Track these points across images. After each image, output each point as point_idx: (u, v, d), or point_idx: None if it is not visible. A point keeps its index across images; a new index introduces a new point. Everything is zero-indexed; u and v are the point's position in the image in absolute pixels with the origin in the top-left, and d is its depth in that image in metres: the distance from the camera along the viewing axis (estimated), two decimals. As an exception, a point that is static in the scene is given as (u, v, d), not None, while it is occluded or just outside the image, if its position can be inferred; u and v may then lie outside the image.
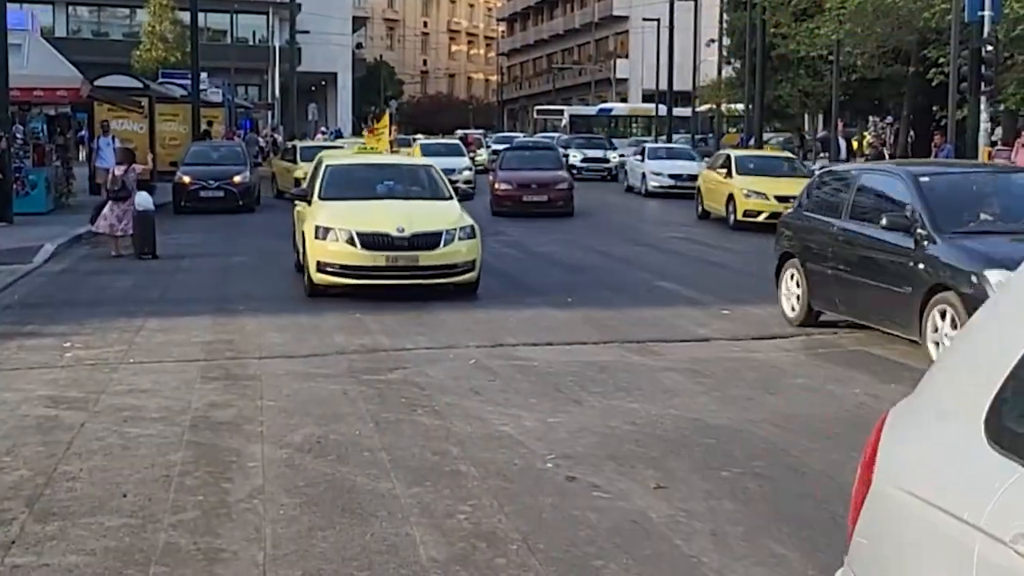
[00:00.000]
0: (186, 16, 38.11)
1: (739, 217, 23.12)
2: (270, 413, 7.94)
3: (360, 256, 12.99)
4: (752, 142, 41.43)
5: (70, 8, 67.08)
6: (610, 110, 67.71)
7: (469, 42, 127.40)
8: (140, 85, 33.84)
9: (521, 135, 62.09)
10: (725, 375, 9.36)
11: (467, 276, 13.44)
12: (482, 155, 44.74)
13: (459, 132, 59.46)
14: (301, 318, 12.05)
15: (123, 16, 67.16)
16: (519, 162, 28.29)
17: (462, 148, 36.05)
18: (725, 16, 52.32)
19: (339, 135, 53.48)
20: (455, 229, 13.40)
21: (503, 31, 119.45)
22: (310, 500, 6.06)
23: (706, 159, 32.55)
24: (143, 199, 17.43)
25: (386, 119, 24.53)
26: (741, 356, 10.26)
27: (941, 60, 28.11)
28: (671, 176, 32.88)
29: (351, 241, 12.99)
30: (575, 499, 6.13)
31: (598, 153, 43.81)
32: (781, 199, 21.17)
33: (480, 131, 65.00)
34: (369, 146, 22.31)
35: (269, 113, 67.11)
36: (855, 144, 43.01)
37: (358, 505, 5.98)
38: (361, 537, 5.51)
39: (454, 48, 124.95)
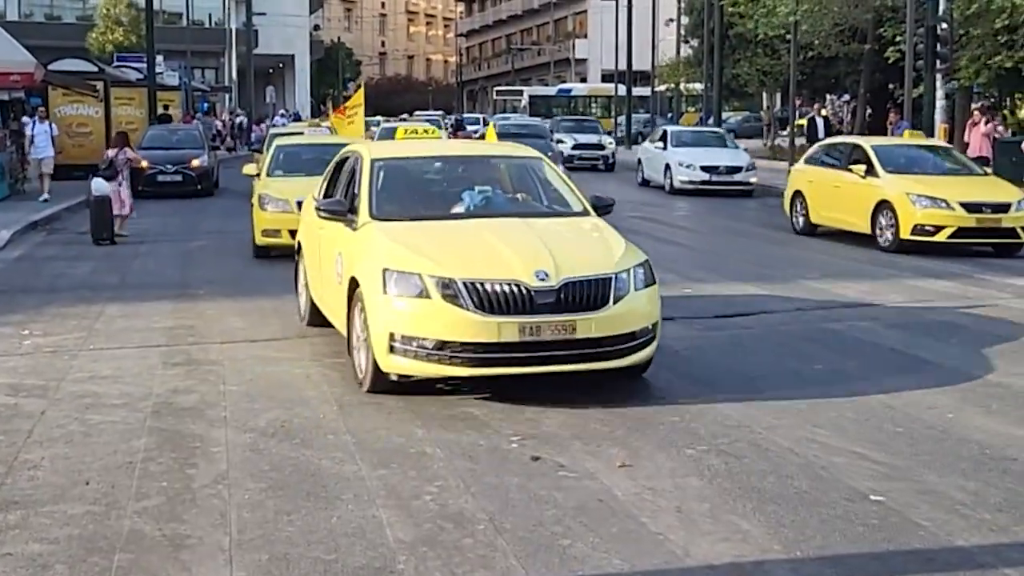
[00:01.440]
0: (141, -1, 37.72)
1: (905, 235, 16.39)
2: (233, 398, 7.89)
3: (473, 326, 7.45)
4: (711, 121, 41.56)
5: (22, -9, 66.10)
6: (570, 90, 67.74)
7: (427, 23, 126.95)
8: (95, 69, 33.42)
9: (479, 116, 61.72)
10: (690, 352, 9.41)
11: (645, 351, 8.05)
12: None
13: (417, 114, 58.95)
14: (262, 301, 11.97)
15: (76, -1, 66.29)
16: None
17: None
18: (683, -5, 52.42)
19: (297, 118, 53.11)
20: (627, 272, 7.96)
21: (461, 12, 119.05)
22: (275, 484, 6.03)
23: (743, 147, 29.68)
24: (98, 184, 17.26)
25: (360, 96, 22.39)
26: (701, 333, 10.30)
27: (897, 38, 28.28)
28: (704, 169, 27.07)
29: (454, 297, 7.51)
30: (541, 479, 6.14)
31: (591, 138, 37.93)
32: (971, 208, 16.18)
33: (438, 112, 64.50)
34: (339, 131, 20.77)
35: (227, 96, 66.55)
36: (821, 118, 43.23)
37: (323, 488, 5.96)
38: (327, 520, 5.50)
39: (412, 29, 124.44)
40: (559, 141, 35.59)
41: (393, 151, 10.63)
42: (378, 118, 58.19)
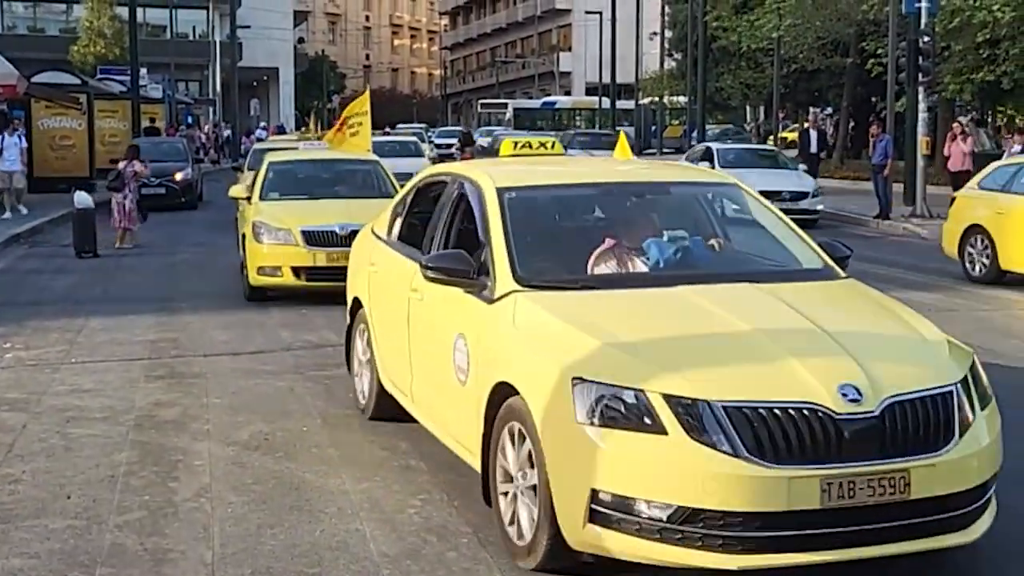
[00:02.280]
0: (124, 11, 37.69)
1: None
2: (216, 411, 7.86)
3: (746, 483, 4.44)
4: (695, 133, 41.67)
5: (5, 3, 65.98)
6: (554, 103, 67.93)
7: (412, 36, 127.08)
8: (78, 81, 33.31)
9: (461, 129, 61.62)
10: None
11: (989, 513, 4.96)
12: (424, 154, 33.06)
13: (400, 127, 58.35)
14: (246, 315, 11.94)
15: (59, 12, 66.17)
16: None
17: (420, 146, 30.12)
18: (667, 9, 52.69)
19: (281, 130, 53.04)
20: (965, 381, 4.97)
21: (446, 25, 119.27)
22: (258, 498, 6.01)
23: (803, 168, 24.18)
24: (81, 197, 17.22)
25: (365, 101, 17.26)
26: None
27: (879, 51, 28.44)
28: (763, 195, 21.70)
29: (706, 432, 4.49)
30: (525, 491, 6.11)
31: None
32: None
33: (421, 125, 64.05)
34: (338, 145, 16.89)
35: (211, 109, 66.49)
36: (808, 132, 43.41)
37: (307, 502, 5.94)
38: (311, 534, 5.47)
39: (397, 42, 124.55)
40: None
41: (522, 177, 6.78)
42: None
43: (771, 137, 41.95)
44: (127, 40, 36.02)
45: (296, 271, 12.57)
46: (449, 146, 34.29)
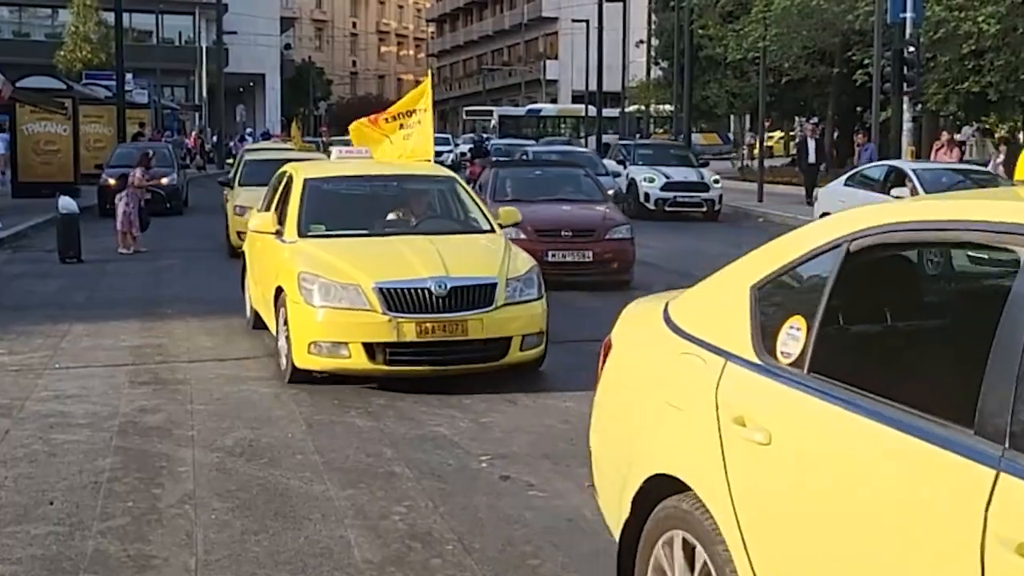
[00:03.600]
0: (110, 16, 37.57)
1: None
2: (200, 417, 7.83)
3: None
4: (680, 140, 41.73)
5: (-10, 8, 65.77)
6: (539, 111, 68.04)
7: (399, 43, 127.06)
8: (64, 86, 33.22)
9: (447, 136, 61.44)
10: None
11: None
12: None
13: None
14: (231, 321, 11.89)
15: (45, 16, 65.94)
16: (530, 190, 16.27)
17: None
18: (653, 17, 52.77)
19: (267, 136, 52.94)
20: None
21: (432, 32, 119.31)
22: (242, 504, 5.99)
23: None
24: (66, 202, 17.16)
25: (425, 90, 12.41)
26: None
27: (865, 61, 28.53)
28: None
29: None
30: (510, 498, 6.12)
31: (688, 174, 26.39)
32: None
33: None
34: (381, 151, 11.97)
35: (196, 114, 66.33)
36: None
37: (291, 508, 5.92)
38: (295, 540, 5.46)
39: (383, 49, 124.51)
40: (644, 179, 25.92)
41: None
42: (348, 138, 58.09)
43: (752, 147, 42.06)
44: (113, 45, 35.87)
45: (370, 349, 8.56)
46: (439, 154, 27.99)
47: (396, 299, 8.51)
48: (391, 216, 10.37)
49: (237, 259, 14.33)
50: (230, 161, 30.93)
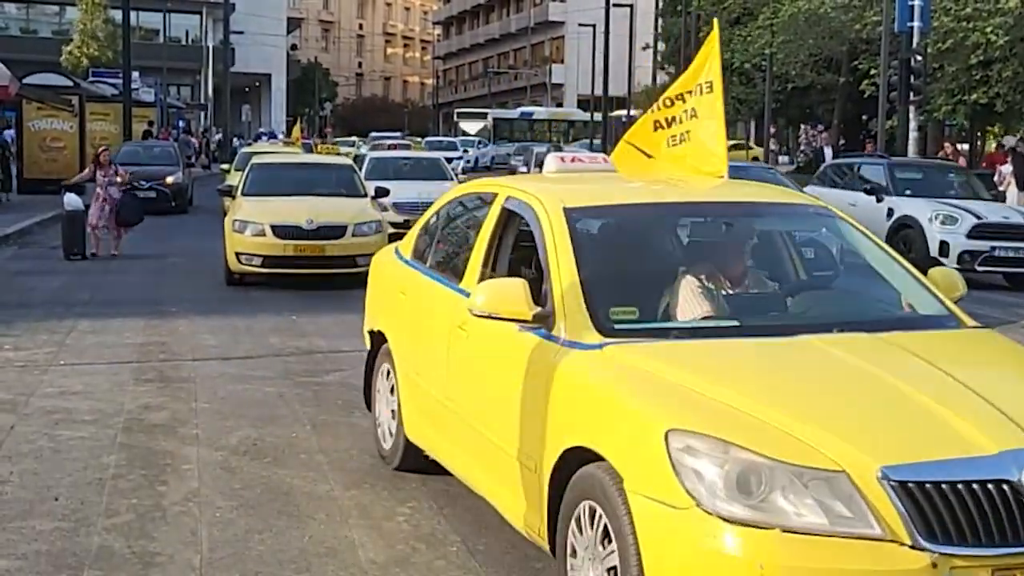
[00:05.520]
0: (118, 14, 37.62)
1: None
2: (205, 415, 7.84)
3: None
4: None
5: (-3, 5, 65.92)
6: (531, 114, 68.30)
7: (405, 45, 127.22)
8: (70, 83, 33.31)
9: (454, 140, 61.25)
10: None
11: None
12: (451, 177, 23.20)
13: (373, 135, 56.56)
14: (235, 320, 11.91)
15: (52, 13, 66.14)
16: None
17: (444, 166, 23.14)
18: (660, 22, 52.81)
19: (273, 136, 53.00)
20: None
21: (439, 34, 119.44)
22: (246, 503, 5.99)
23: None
24: (71, 199, 17.17)
25: (711, 55, 6.40)
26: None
27: (872, 71, 28.55)
28: None
29: None
30: (514, 501, 6.11)
31: (1004, 213, 17.43)
32: None
33: (397, 133, 62.40)
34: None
35: (202, 114, 66.43)
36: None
37: (295, 508, 5.92)
38: (299, 540, 5.46)
39: (389, 51, 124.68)
40: (937, 219, 16.50)
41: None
42: (353, 138, 58.12)
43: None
44: (120, 43, 35.89)
45: None
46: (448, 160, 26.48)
47: None
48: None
49: (237, 287, 14.45)
50: (225, 167, 29.87)
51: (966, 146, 36.15)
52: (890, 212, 17.01)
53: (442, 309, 5.80)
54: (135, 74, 39.57)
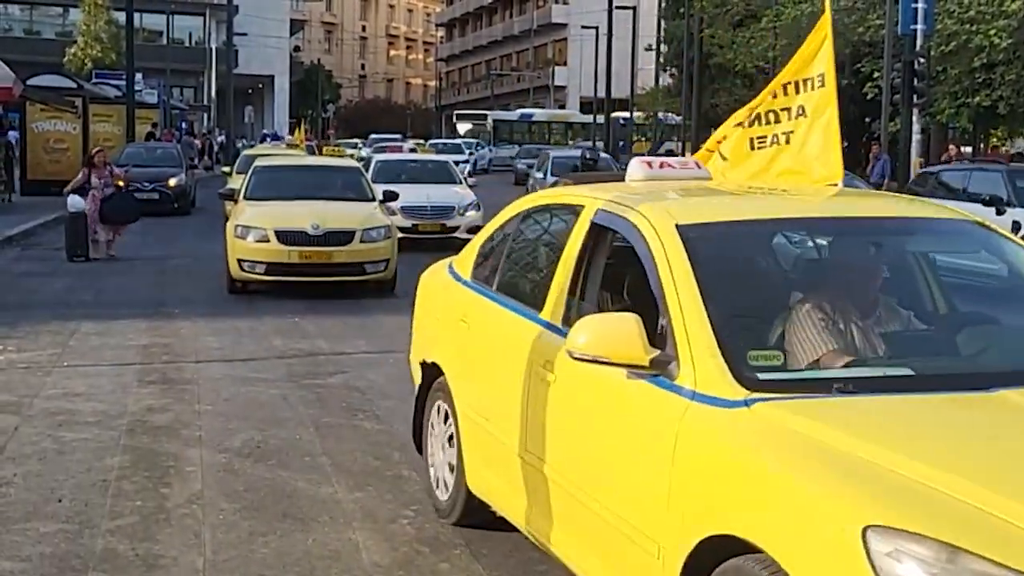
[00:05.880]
0: (121, 16, 37.64)
1: None
2: (208, 417, 7.84)
3: None
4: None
5: (1, 6, 65.95)
6: (531, 115, 68.57)
7: (408, 47, 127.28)
8: (74, 85, 33.32)
9: (461, 142, 61.02)
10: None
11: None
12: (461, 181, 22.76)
13: (373, 137, 56.17)
14: (238, 322, 11.92)
15: (56, 15, 66.27)
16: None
17: (453, 170, 22.55)
18: (663, 24, 52.77)
19: (276, 138, 53.02)
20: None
21: (442, 36, 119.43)
22: (250, 505, 5.99)
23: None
24: (74, 201, 17.16)
25: (822, 39, 6.37)
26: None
27: (876, 75, 28.54)
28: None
29: None
30: (518, 504, 6.11)
31: None
32: None
33: (397, 135, 61.74)
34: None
35: (205, 115, 66.48)
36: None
37: (299, 510, 5.92)
38: (303, 542, 5.46)
39: (392, 52, 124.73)
40: None
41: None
42: (356, 141, 58.16)
43: None
44: (123, 44, 35.93)
45: None
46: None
47: None
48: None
49: (239, 295, 13.88)
50: (226, 169, 29.63)
51: (969, 149, 36.17)
52: (1016, 226, 14.54)
53: (518, 344, 4.82)
54: (138, 76, 39.62)
